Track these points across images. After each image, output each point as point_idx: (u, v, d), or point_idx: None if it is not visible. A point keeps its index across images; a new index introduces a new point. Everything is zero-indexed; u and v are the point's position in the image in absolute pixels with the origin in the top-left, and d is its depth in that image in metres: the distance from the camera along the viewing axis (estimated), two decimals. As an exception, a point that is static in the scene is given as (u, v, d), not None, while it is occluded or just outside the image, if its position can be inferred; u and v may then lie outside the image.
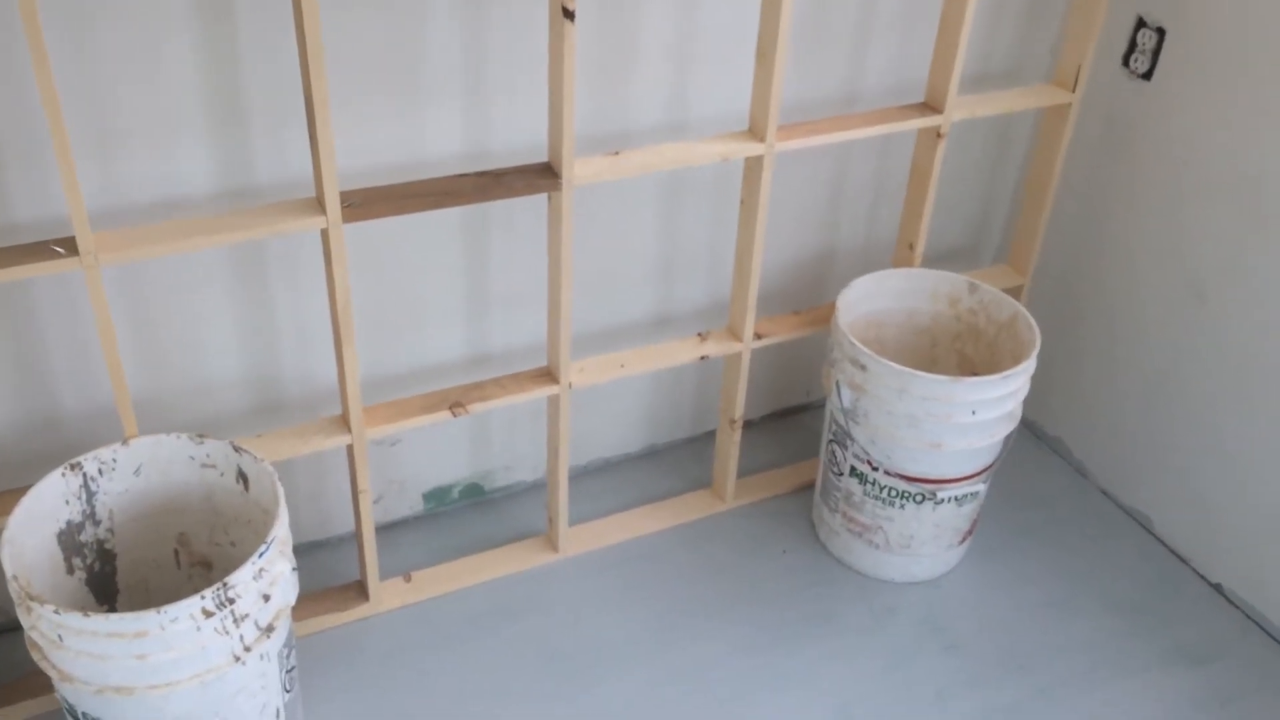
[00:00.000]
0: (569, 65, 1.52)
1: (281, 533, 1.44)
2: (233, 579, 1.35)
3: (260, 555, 1.38)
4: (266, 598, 1.41)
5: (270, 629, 1.42)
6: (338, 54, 1.53)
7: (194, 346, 1.71)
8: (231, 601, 1.35)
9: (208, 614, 1.33)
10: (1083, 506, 2.20)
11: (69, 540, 1.51)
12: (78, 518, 1.51)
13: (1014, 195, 2.30)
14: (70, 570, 1.52)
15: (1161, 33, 1.93)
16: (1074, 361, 2.24)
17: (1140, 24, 1.96)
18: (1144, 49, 1.97)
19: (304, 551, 1.97)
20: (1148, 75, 1.97)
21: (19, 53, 1.37)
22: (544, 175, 1.63)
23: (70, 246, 1.39)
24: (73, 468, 1.48)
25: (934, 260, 2.28)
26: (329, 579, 1.92)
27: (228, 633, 1.36)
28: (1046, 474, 2.27)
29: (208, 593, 1.33)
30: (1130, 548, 2.11)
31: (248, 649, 1.39)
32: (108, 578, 1.58)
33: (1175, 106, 1.94)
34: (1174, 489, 2.08)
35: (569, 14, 1.48)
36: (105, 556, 1.57)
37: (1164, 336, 2.04)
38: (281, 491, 1.46)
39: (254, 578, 1.38)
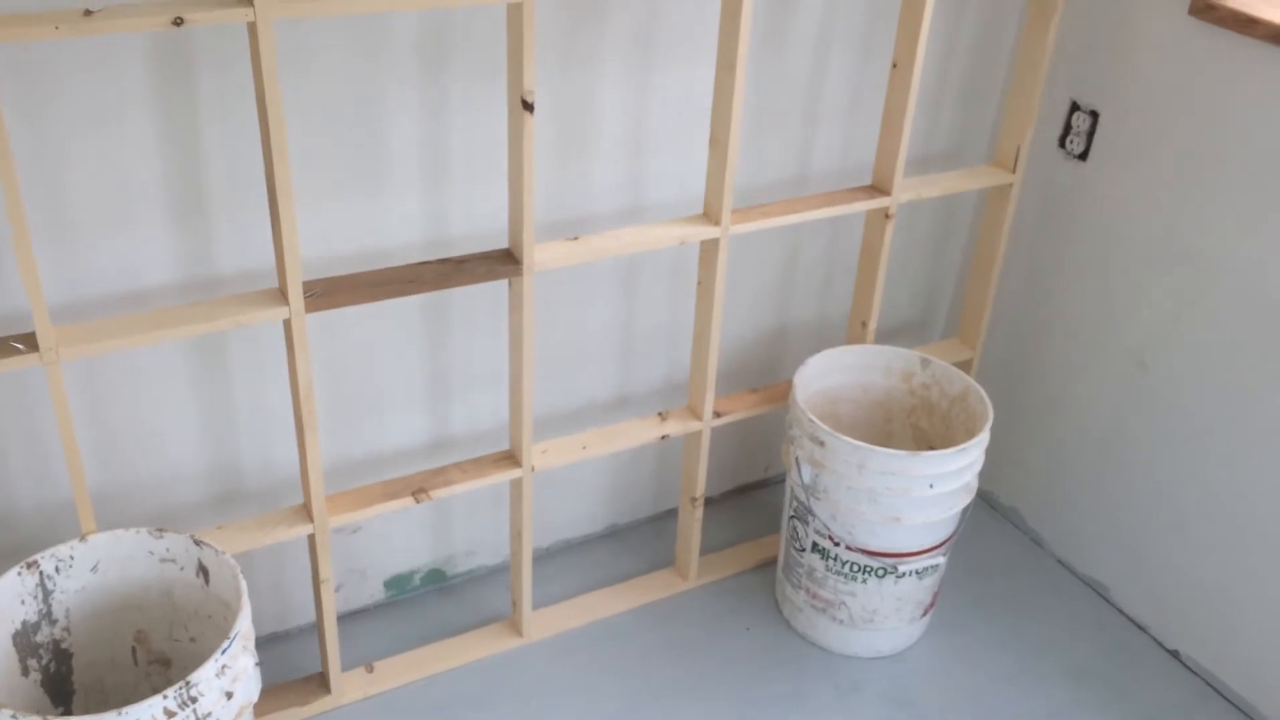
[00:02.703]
0: (528, 155, 1.55)
1: (244, 627, 1.42)
2: (195, 677, 1.32)
3: (223, 651, 1.36)
4: (229, 695, 1.38)
5: (233, 727, 1.39)
6: (298, 143, 1.55)
7: (152, 437, 1.69)
8: (194, 700, 1.33)
9: (170, 714, 1.30)
10: (1040, 576, 2.22)
11: (24, 641, 1.47)
12: (34, 617, 1.48)
13: (960, 270, 2.37)
14: (25, 672, 1.48)
15: (1095, 116, 2.02)
16: (1024, 432, 2.28)
17: (1075, 108, 2.05)
18: (1079, 131, 2.05)
19: (263, 644, 1.93)
20: (1083, 156, 2.05)
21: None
22: (505, 261, 1.65)
23: (30, 342, 1.38)
24: (29, 566, 1.45)
25: (884, 335, 2.32)
26: (289, 672, 1.89)
27: (190, 732, 1.33)
28: (1003, 545, 2.30)
29: (170, 692, 1.30)
30: (1088, 616, 2.13)
31: (210, 749, 1.36)
32: (63, 678, 1.54)
33: (1110, 186, 2.02)
34: (1127, 557, 2.11)
35: (528, 106, 1.51)
36: (61, 656, 1.53)
37: (1108, 405, 2.10)
38: (244, 585, 1.44)
39: (217, 675, 1.36)
